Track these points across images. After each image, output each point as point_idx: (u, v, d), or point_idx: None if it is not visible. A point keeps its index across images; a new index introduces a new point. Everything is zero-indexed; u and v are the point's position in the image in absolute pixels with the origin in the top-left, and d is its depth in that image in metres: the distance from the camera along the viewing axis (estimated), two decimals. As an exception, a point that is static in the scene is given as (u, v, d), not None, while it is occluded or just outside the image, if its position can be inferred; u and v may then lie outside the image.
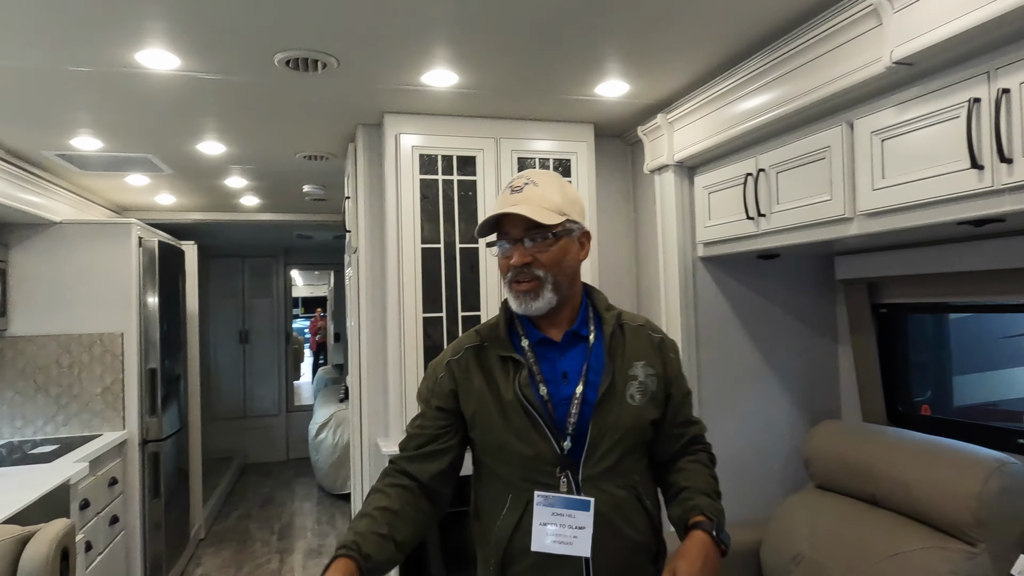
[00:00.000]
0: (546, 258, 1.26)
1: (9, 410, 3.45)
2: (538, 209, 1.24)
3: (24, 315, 3.48)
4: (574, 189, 1.36)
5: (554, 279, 1.27)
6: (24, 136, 2.80)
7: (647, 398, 1.30)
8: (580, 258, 1.33)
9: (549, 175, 1.32)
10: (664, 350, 1.36)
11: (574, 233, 1.31)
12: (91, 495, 3.08)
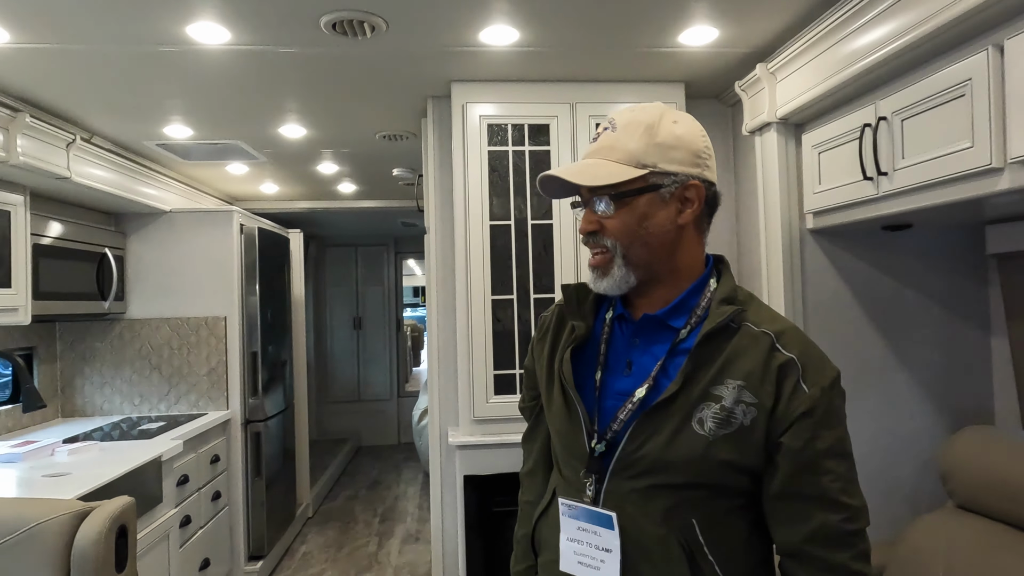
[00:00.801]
0: (613, 224, 0.98)
1: (129, 388, 3.69)
2: (596, 165, 0.97)
3: (140, 299, 3.71)
4: (680, 126, 0.98)
5: (625, 251, 0.98)
6: (125, 127, 2.94)
7: (728, 431, 0.92)
8: (679, 221, 0.98)
9: (639, 111, 0.99)
10: (784, 378, 0.93)
11: (665, 188, 0.96)
12: (191, 471, 3.21)
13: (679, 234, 0.99)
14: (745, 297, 1.01)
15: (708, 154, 0.99)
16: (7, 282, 2.68)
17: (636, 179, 0.95)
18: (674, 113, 1.00)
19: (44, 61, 2.16)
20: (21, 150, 2.50)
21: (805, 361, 0.93)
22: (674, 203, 0.97)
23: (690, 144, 0.97)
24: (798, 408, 0.91)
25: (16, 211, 2.74)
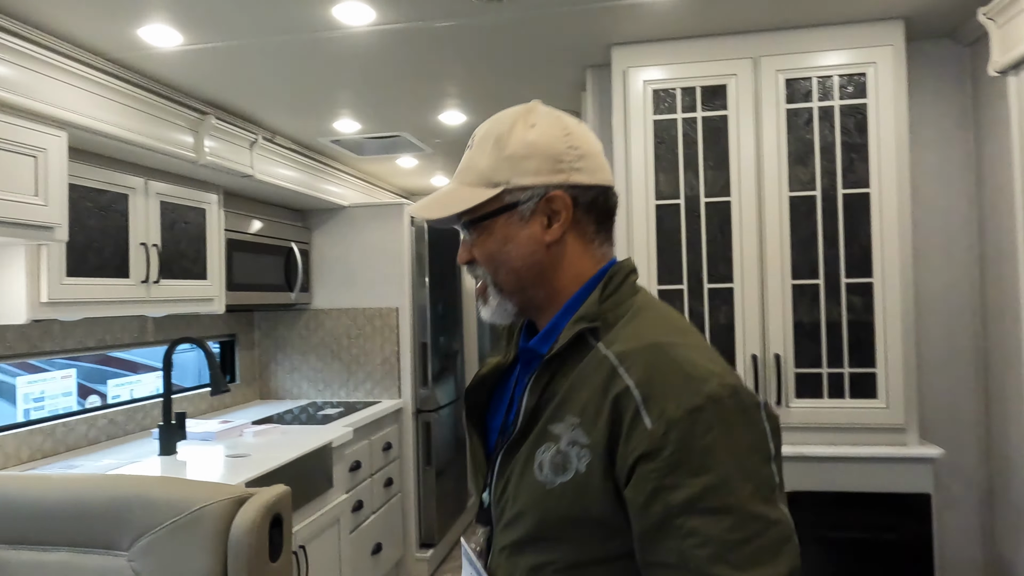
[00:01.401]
0: (478, 252, 0.87)
1: (314, 374, 3.92)
2: (450, 193, 0.86)
3: (322, 290, 3.92)
4: (535, 130, 0.84)
5: (495, 279, 0.86)
6: (300, 124, 3.07)
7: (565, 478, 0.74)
8: (547, 239, 0.83)
9: (494, 121, 0.88)
10: (621, 412, 0.72)
11: (522, 204, 0.83)
12: (363, 458, 3.30)
13: (552, 252, 0.84)
14: (613, 306, 0.81)
15: (577, 154, 0.84)
16: (203, 274, 2.91)
17: (489, 201, 0.83)
18: (535, 115, 0.85)
19: (218, 61, 2.27)
20: (209, 150, 2.69)
21: (648, 389, 0.71)
22: (538, 219, 0.83)
23: (546, 149, 0.83)
24: (636, 449, 0.70)
25: (211, 209, 2.97)
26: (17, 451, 2.35)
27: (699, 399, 0.70)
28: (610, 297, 0.83)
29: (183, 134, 2.57)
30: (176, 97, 2.51)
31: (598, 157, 0.87)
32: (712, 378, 0.71)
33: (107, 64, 2.20)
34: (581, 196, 0.84)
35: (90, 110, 2.14)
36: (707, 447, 0.68)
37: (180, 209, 2.76)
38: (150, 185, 2.58)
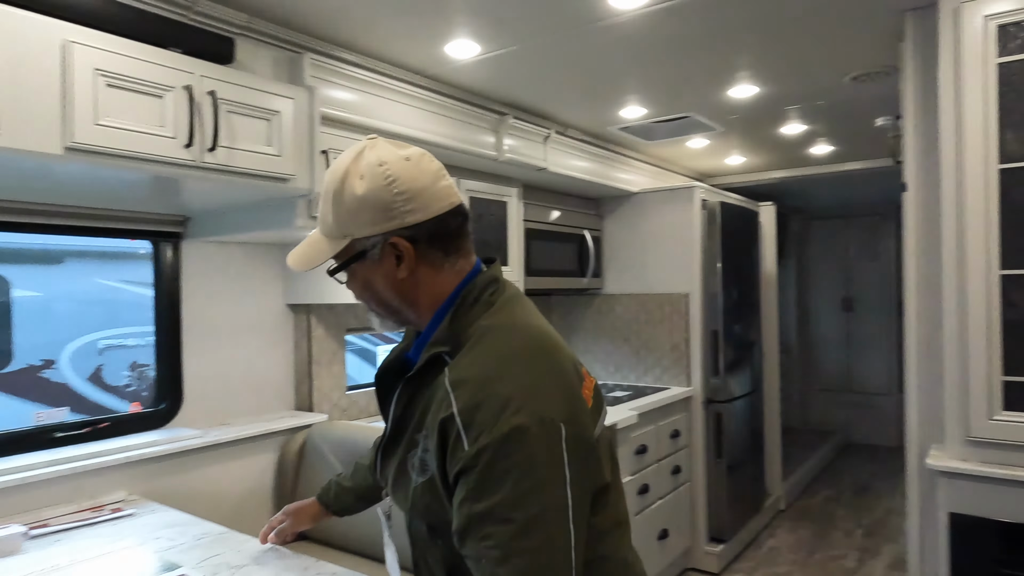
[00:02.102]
0: (352, 289, 1.04)
1: (605, 356, 4.05)
2: (312, 244, 1.01)
3: (613, 276, 4.02)
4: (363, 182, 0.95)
5: (370, 306, 1.05)
6: (589, 115, 3.17)
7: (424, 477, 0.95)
8: (399, 275, 0.98)
9: (329, 174, 0.99)
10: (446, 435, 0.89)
11: (370, 251, 0.97)
12: (649, 443, 3.32)
13: (408, 283, 0.99)
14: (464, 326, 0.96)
15: (404, 199, 0.95)
16: (505, 261, 3.21)
17: (343, 250, 0.98)
18: (362, 164, 0.95)
19: (511, 65, 2.47)
20: (507, 148, 2.94)
21: (468, 417, 0.86)
22: (388, 259, 0.97)
23: (375, 202, 0.95)
24: (457, 464, 0.87)
25: (511, 201, 3.25)
26: (368, 405, 2.88)
27: (506, 428, 0.84)
28: (461, 318, 0.96)
29: (486, 135, 2.86)
30: (478, 102, 2.80)
31: (429, 189, 0.97)
32: (522, 410, 0.85)
33: (423, 80, 2.55)
34: (419, 234, 0.96)
35: (412, 121, 2.51)
36: (507, 469, 0.83)
37: (485, 203, 3.08)
38: (461, 182, 2.93)
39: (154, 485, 2.09)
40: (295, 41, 2.09)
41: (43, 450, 1.99)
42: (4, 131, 1.37)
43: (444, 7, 1.98)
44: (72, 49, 1.46)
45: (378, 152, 0.98)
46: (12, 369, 3.69)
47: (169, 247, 2.35)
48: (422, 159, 1.00)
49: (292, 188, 1.94)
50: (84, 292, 4.13)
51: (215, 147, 1.71)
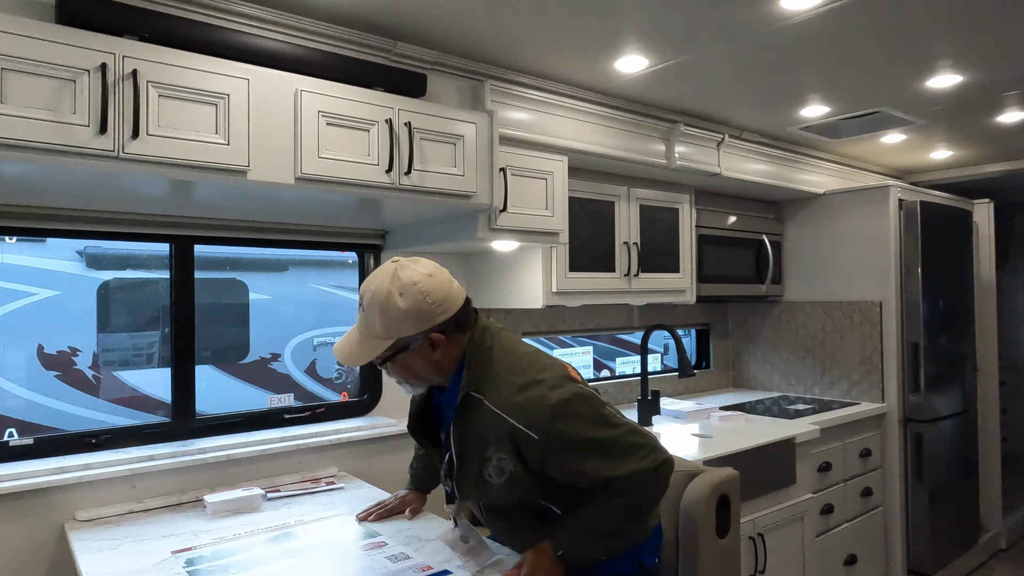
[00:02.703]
0: (393, 373, 1.42)
1: (785, 367, 3.86)
2: (357, 348, 1.37)
3: (795, 282, 3.82)
4: (404, 299, 1.33)
5: (407, 381, 1.44)
6: (766, 117, 3.07)
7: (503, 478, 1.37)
8: (436, 359, 1.38)
9: (373, 291, 1.35)
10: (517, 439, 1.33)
11: (412, 346, 1.36)
12: (834, 460, 3.12)
13: (439, 361, 1.39)
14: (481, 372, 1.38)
15: (437, 306, 1.35)
16: (676, 268, 3.21)
17: (388, 348, 1.36)
18: (401, 282, 1.33)
19: (680, 75, 2.48)
20: (678, 155, 2.95)
21: (525, 421, 1.30)
22: (425, 349, 1.37)
23: (416, 312, 1.34)
24: (536, 451, 1.31)
25: (683, 208, 3.24)
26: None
27: (549, 410, 1.30)
28: (476, 366, 1.38)
29: (656, 143, 2.90)
30: (648, 112, 2.84)
31: (449, 294, 1.38)
32: (549, 393, 1.31)
33: (593, 95, 2.65)
34: (447, 327, 1.38)
35: (583, 135, 2.63)
36: (564, 431, 1.30)
37: (656, 210, 3.11)
38: (631, 191, 2.99)
39: (358, 464, 2.41)
40: (477, 70, 2.30)
41: (275, 428, 2.39)
42: (254, 167, 1.69)
43: (615, 28, 2.07)
44: (302, 96, 1.77)
45: (408, 273, 1.35)
46: (248, 360, 4.38)
47: (371, 257, 2.69)
48: (439, 273, 1.39)
49: (474, 204, 2.15)
50: (302, 295, 4.77)
51: (410, 171, 1.95)
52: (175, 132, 1.58)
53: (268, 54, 1.76)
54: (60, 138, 1.43)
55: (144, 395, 3.88)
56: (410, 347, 1.37)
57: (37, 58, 1.41)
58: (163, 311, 3.80)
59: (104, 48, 1.48)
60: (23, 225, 1.94)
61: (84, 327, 3.83)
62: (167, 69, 1.57)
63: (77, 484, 1.87)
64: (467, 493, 1.46)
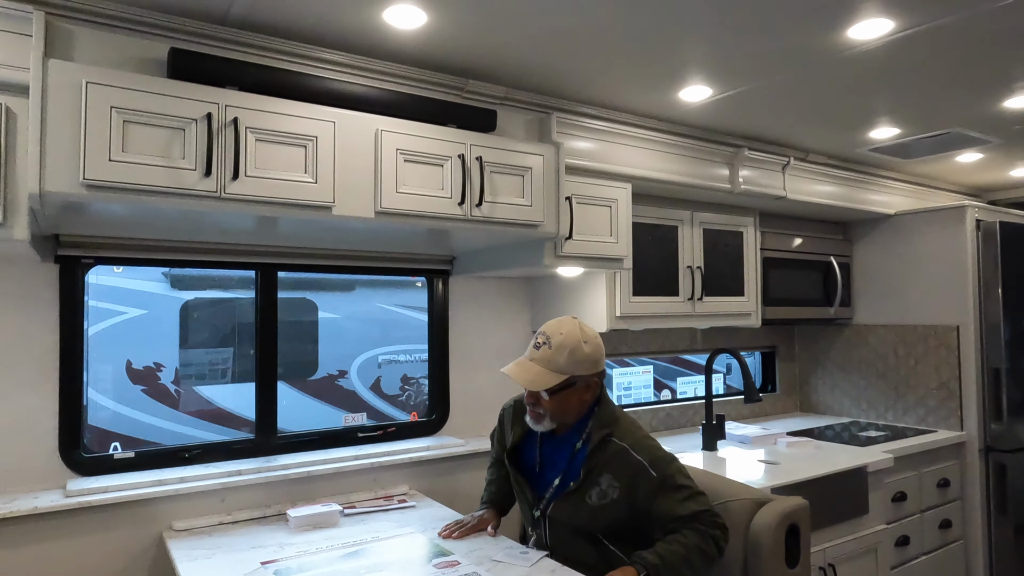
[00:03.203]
0: (548, 404, 1.73)
1: (856, 392, 3.76)
2: (540, 374, 1.70)
3: (865, 305, 3.72)
4: (588, 346, 1.72)
5: (552, 416, 1.75)
6: (832, 139, 3.04)
7: (604, 501, 1.71)
8: (585, 399, 1.76)
9: (566, 336, 1.72)
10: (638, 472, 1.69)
11: (577, 385, 1.73)
12: (909, 490, 3.03)
13: (582, 405, 1.77)
14: (612, 420, 1.77)
15: (601, 359, 1.77)
16: (741, 291, 3.20)
17: (559, 384, 1.71)
18: (585, 334, 1.74)
19: (744, 102, 2.50)
20: (743, 180, 2.95)
21: (649, 460, 1.69)
22: (581, 389, 1.75)
23: (592, 358, 1.74)
24: (652, 487, 1.67)
25: (747, 231, 3.23)
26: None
27: (665, 456, 1.72)
28: (604, 415, 1.77)
29: (719, 168, 2.91)
30: (711, 138, 2.86)
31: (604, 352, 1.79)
32: (663, 449, 1.74)
33: (656, 123, 2.69)
34: (599, 377, 1.78)
35: (647, 162, 2.67)
36: (673, 474, 1.69)
37: (720, 234, 3.11)
38: (695, 216, 3.00)
39: (428, 482, 2.50)
40: (544, 103, 2.38)
41: (350, 447, 2.50)
42: (338, 203, 1.82)
43: (679, 61, 2.12)
44: (382, 136, 1.89)
45: (588, 329, 1.76)
46: (317, 377, 4.56)
47: (440, 281, 2.79)
48: (598, 333, 1.79)
49: (541, 232, 2.22)
50: (368, 314, 4.94)
51: (481, 203, 2.04)
52: (269, 173, 1.71)
53: (352, 97, 1.89)
54: (171, 181, 1.58)
55: (218, 407, 4.09)
56: (575, 385, 1.73)
57: (154, 110, 1.57)
58: (236, 329, 4.02)
59: (209, 99, 1.63)
60: (129, 256, 2.13)
61: (168, 344, 4.08)
62: (263, 115, 1.71)
63: (174, 496, 2.02)
64: (560, 511, 1.75)
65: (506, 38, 1.93)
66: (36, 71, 1.47)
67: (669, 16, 1.80)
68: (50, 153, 1.47)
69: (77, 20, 1.62)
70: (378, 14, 1.77)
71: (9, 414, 1.95)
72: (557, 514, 1.76)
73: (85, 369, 2.11)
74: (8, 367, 1.96)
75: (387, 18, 1.79)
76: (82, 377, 2.09)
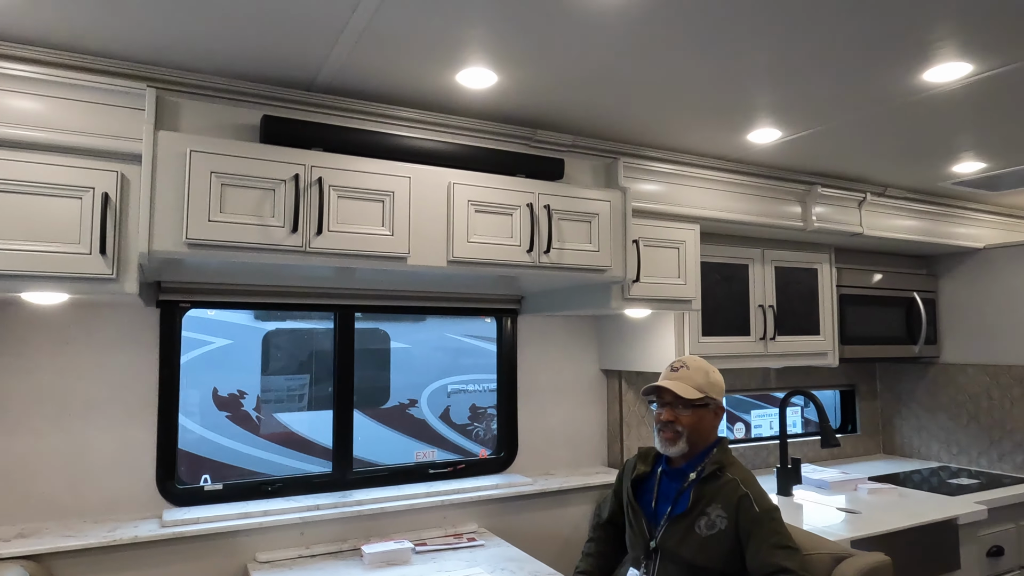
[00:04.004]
0: (686, 419, 1.83)
1: (944, 435, 3.56)
2: (685, 387, 1.83)
3: (953, 343, 3.54)
4: (715, 374, 1.88)
5: (687, 434, 1.84)
6: (912, 174, 2.94)
7: (712, 532, 1.74)
8: (714, 424, 1.88)
9: (700, 364, 1.89)
10: (743, 505, 1.75)
11: (710, 407, 1.86)
12: (1007, 544, 2.84)
13: (711, 430, 1.88)
14: (727, 458, 1.84)
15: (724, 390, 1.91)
16: (816, 330, 3.11)
17: (700, 399, 1.84)
18: (711, 366, 1.90)
19: (816, 142, 2.46)
20: (816, 217, 2.89)
21: (755, 494, 1.76)
22: (713, 411, 1.88)
23: (720, 385, 1.89)
24: (751, 520, 1.72)
25: (822, 268, 3.15)
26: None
27: (772, 503, 1.76)
28: (719, 453, 1.83)
29: (791, 206, 2.86)
30: (782, 176, 2.82)
31: None
32: (768, 496, 1.79)
33: (724, 164, 2.68)
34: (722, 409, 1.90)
35: (715, 203, 2.66)
36: (773, 516, 1.74)
37: (792, 272, 3.04)
38: (766, 254, 2.96)
39: (496, 521, 2.53)
40: (610, 149, 2.42)
41: (421, 483, 2.57)
42: (412, 253, 1.91)
43: (747, 106, 2.12)
44: (454, 188, 1.97)
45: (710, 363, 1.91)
46: (389, 405, 4.70)
47: (508, 320, 2.85)
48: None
49: (608, 277, 2.25)
50: (438, 343, 5.05)
51: (549, 250, 2.09)
52: (349, 227, 1.82)
53: (426, 153, 1.99)
54: (262, 238, 1.71)
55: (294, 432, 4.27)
56: (710, 407, 1.86)
57: (248, 173, 1.71)
58: (313, 356, 4.20)
59: (297, 160, 1.76)
60: (221, 300, 2.29)
61: (250, 371, 4.31)
62: (345, 174, 1.82)
63: (258, 529, 2.13)
64: (669, 538, 1.81)
65: (573, 91, 1.99)
66: (148, 142, 1.63)
67: (736, 63, 1.82)
68: (158, 215, 1.62)
69: (183, 93, 1.78)
70: (451, 76, 1.86)
71: (116, 446, 2.12)
72: (667, 542, 1.78)
73: (180, 405, 2.27)
74: (116, 403, 2.14)
75: (460, 80, 1.88)
76: (177, 413, 2.25)
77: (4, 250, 1.58)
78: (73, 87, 1.67)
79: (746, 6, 1.51)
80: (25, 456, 2.03)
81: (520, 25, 1.59)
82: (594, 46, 1.70)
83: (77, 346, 2.10)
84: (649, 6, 1.50)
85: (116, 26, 1.57)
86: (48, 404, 2.06)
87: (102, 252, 1.64)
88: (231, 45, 1.66)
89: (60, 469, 2.07)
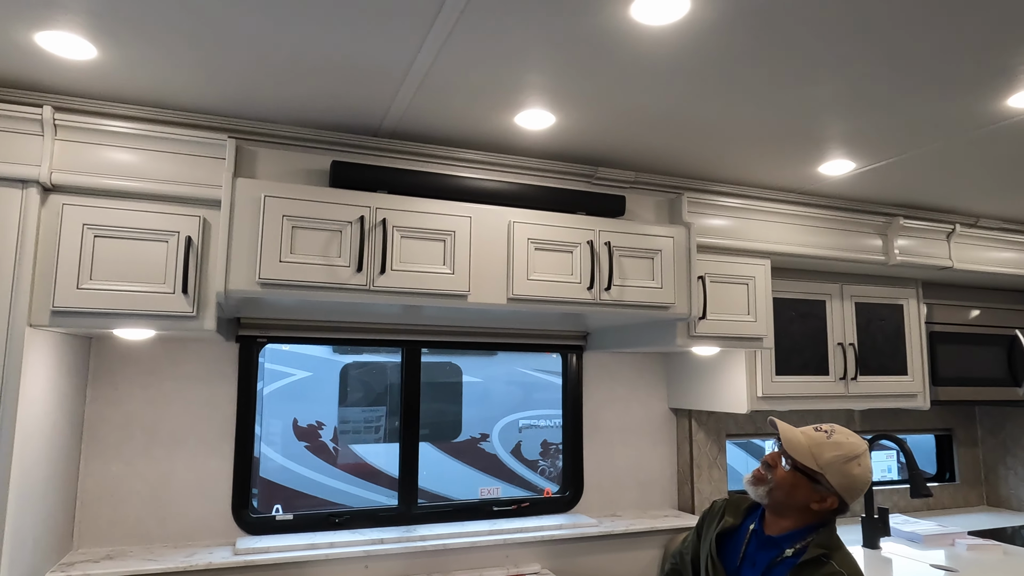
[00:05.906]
0: (779, 475, 1.62)
1: (1058, 487, 3.24)
2: (798, 447, 1.60)
3: (1064, 386, 3.23)
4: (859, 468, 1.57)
5: (771, 489, 1.63)
6: (1006, 204, 2.75)
7: None
8: (812, 507, 1.59)
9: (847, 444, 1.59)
10: None
11: (819, 485, 1.57)
12: None
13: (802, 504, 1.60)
14: (834, 544, 1.57)
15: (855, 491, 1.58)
16: (903, 370, 2.92)
17: (809, 468, 1.58)
18: (863, 461, 1.59)
19: (895, 173, 2.34)
20: (898, 250, 2.74)
21: None
22: (816, 494, 1.59)
23: (850, 482, 1.57)
24: None
25: (908, 303, 2.97)
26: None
27: None
28: (828, 536, 1.58)
29: (871, 239, 2.73)
30: (859, 208, 2.70)
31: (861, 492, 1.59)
32: None
33: (795, 196, 2.60)
34: (842, 506, 1.60)
35: (786, 237, 2.57)
36: None
37: (875, 308, 2.88)
38: (844, 289, 2.82)
39: (559, 562, 2.48)
40: (674, 184, 2.40)
41: (484, 520, 2.56)
42: (472, 291, 1.94)
43: (817, 138, 2.05)
44: (514, 227, 2.00)
45: (866, 460, 1.60)
46: (460, 439, 4.73)
47: (574, 356, 2.83)
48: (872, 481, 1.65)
49: (672, 314, 2.20)
50: (509, 378, 5.07)
51: (610, 287, 2.08)
52: (412, 266, 1.88)
53: (486, 193, 2.03)
54: (329, 277, 1.79)
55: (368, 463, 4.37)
56: (817, 483, 1.58)
57: (317, 216, 1.80)
58: (388, 389, 4.29)
59: (363, 203, 1.84)
60: (295, 335, 2.39)
61: (328, 403, 4.46)
62: (408, 215, 1.89)
63: (324, 560, 2.18)
64: None
65: (633, 130, 1.99)
66: (227, 188, 1.75)
67: (803, 96, 1.77)
68: (234, 257, 1.73)
69: (259, 142, 1.91)
70: (510, 119, 1.91)
71: (196, 475, 2.24)
72: None
73: (257, 437, 2.37)
74: (198, 433, 2.26)
75: (519, 122, 1.92)
76: (253, 444, 2.35)
77: (104, 290, 1.72)
78: (163, 140, 1.82)
79: (819, 37, 1.48)
80: (116, 482, 2.16)
81: (578, 70, 1.61)
82: (653, 88, 1.71)
83: (163, 378, 2.24)
84: (715, 46, 1.49)
85: (203, 83, 1.70)
86: (137, 433, 2.20)
87: (184, 291, 1.76)
88: (302, 95, 1.77)
89: (146, 496, 2.19)
